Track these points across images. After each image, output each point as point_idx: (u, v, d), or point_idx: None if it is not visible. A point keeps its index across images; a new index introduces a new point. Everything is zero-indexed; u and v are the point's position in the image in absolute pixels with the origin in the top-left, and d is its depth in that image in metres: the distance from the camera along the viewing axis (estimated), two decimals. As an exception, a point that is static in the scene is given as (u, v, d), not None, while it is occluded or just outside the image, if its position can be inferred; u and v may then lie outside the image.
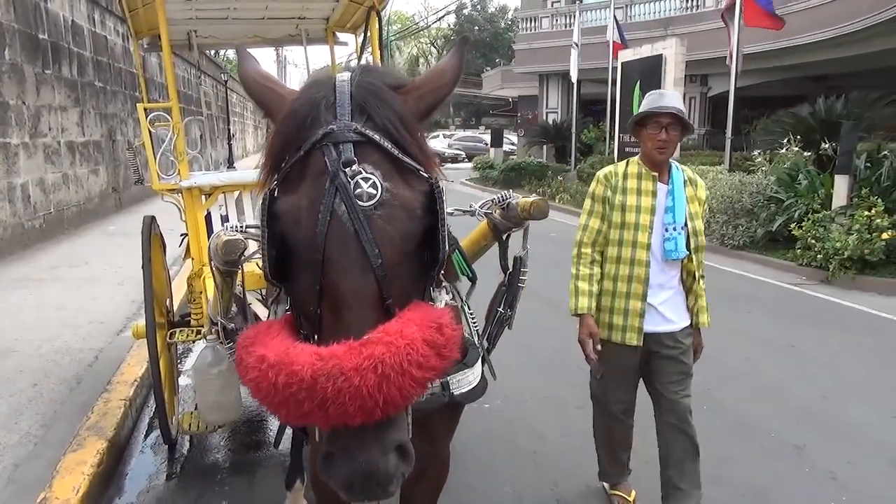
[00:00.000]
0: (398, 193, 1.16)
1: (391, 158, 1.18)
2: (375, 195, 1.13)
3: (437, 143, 35.59)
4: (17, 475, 3.05)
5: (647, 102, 2.66)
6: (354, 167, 1.14)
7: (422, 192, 1.20)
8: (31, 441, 3.39)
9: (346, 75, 1.25)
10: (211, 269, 1.75)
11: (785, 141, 10.97)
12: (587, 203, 2.87)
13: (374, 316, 1.12)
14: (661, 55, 14.04)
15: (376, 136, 1.18)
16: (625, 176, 2.75)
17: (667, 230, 2.68)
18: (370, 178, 1.14)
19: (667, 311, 2.79)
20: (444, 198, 1.21)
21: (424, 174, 1.21)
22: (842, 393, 4.52)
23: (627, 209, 2.70)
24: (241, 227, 1.71)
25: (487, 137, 29.27)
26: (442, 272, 1.25)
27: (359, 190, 1.13)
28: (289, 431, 3.06)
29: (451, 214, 2.15)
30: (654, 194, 2.70)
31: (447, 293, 1.28)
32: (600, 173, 2.82)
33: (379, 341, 1.06)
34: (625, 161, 2.82)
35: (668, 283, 2.78)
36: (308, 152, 1.18)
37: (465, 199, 2.33)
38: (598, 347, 2.80)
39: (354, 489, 1.10)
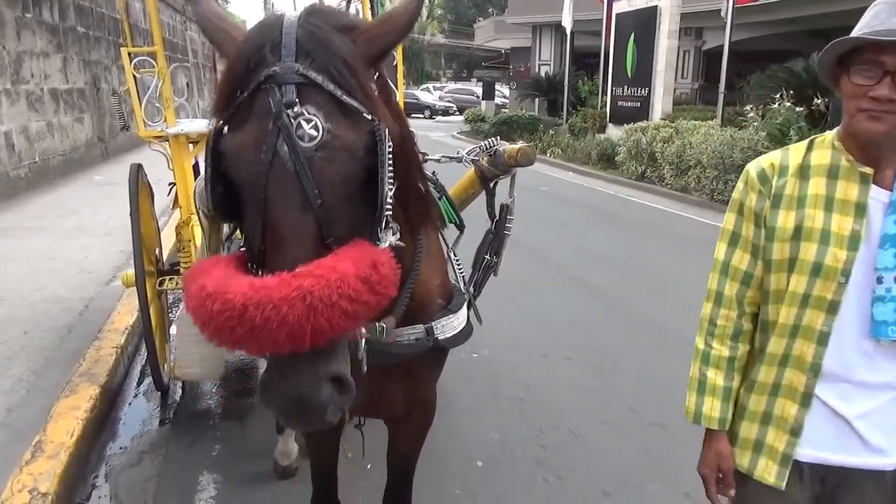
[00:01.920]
0: (339, 135, 1.17)
1: (334, 100, 1.19)
2: (317, 136, 1.15)
3: (428, 95, 35.18)
4: (11, 420, 3.09)
5: (871, 19, 1.33)
6: (296, 108, 1.15)
7: (365, 133, 1.21)
8: (24, 387, 3.42)
9: (295, 15, 1.25)
10: (197, 213, 1.75)
11: (777, 96, 10.91)
12: (727, 221, 1.55)
13: (311, 253, 1.15)
14: (656, 7, 13.81)
15: (319, 78, 1.18)
16: (802, 171, 1.43)
17: (881, 280, 1.35)
18: (312, 120, 1.15)
19: (871, 432, 1.42)
20: (386, 140, 1.21)
21: (368, 116, 1.22)
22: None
23: (805, 235, 1.39)
24: None
25: (479, 90, 28.94)
26: (388, 212, 1.26)
27: (300, 131, 1.14)
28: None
29: (438, 161, 2.15)
30: (862, 209, 1.36)
31: (393, 234, 1.29)
32: (752, 166, 1.51)
33: (309, 274, 1.09)
34: (805, 141, 1.48)
35: (878, 379, 1.41)
36: (253, 93, 1.19)
37: (453, 152, 2.32)
38: (732, 492, 1.60)
39: (290, 417, 1.17)
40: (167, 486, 2.95)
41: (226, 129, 1.23)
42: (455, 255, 1.87)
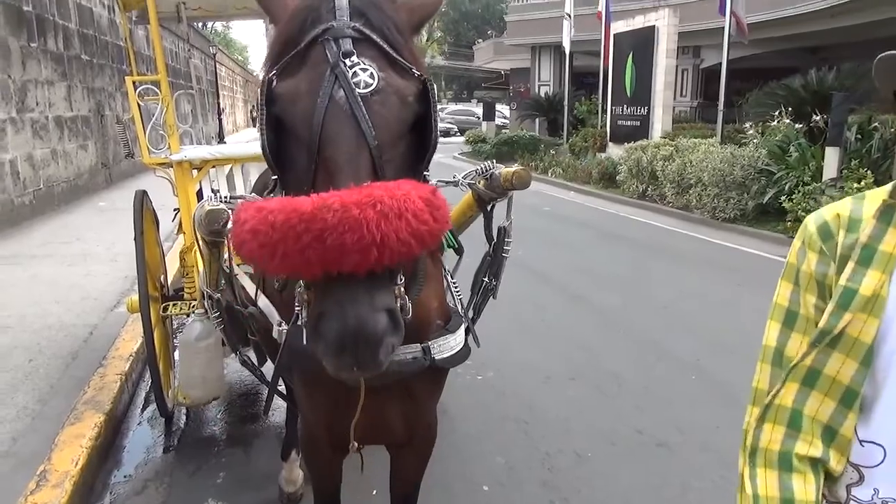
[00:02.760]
0: (393, 82, 1.26)
1: (386, 55, 1.28)
2: (372, 84, 1.22)
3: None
4: (16, 448, 3.09)
5: None
6: (353, 58, 1.23)
7: (415, 84, 1.30)
8: (29, 415, 3.41)
9: None
10: (197, 240, 1.77)
11: (777, 113, 10.97)
12: (779, 293, 1.15)
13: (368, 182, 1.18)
14: (654, 26, 13.95)
15: (373, 35, 1.28)
16: (888, 221, 1.00)
17: None
18: (368, 69, 1.23)
19: None
20: (434, 91, 1.32)
21: (416, 72, 1.31)
22: (828, 362, 4.59)
23: (858, 304, 0.97)
24: (225, 197, 1.73)
25: (479, 111, 29.10)
26: (427, 171, 1.35)
27: (356, 79, 1.21)
28: (283, 404, 3.11)
29: (436, 186, 2.17)
30: None
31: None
32: (811, 219, 1.10)
33: (378, 187, 1.12)
34: (888, 186, 1.03)
35: None
36: (308, 46, 1.27)
37: (457, 173, 2.34)
38: None
39: (345, 348, 1.11)
40: (172, 514, 2.93)
41: (276, 80, 1.28)
42: (453, 279, 1.88)
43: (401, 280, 1.26)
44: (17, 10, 9.01)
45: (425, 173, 1.39)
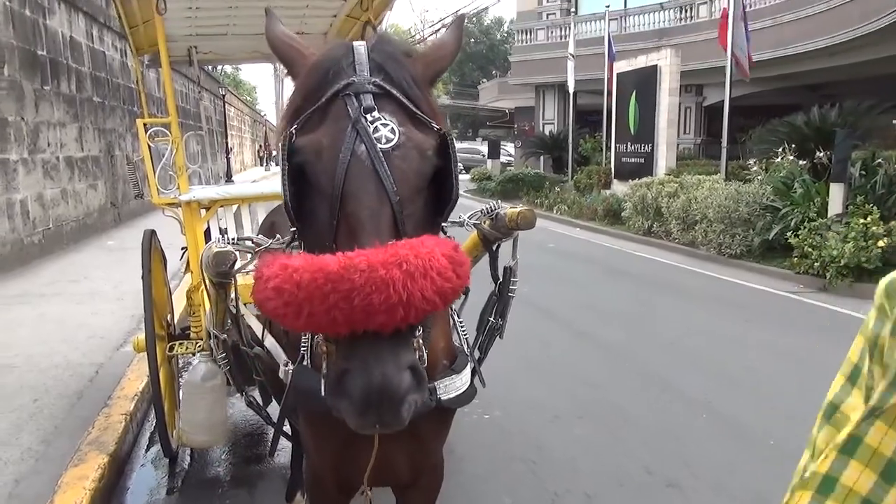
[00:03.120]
0: (413, 137, 1.27)
1: (406, 110, 1.29)
2: (393, 139, 1.23)
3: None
4: (19, 491, 3.06)
5: None
6: (374, 114, 1.24)
7: (434, 138, 1.31)
8: (33, 456, 3.39)
9: (361, 42, 1.37)
10: (203, 281, 1.78)
11: (780, 150, 11.04)
12: (853, 346, 0.96)
13: (391, 241, 1.17)
14: (657, 65, 14.15)
15: (393, 90, 1.29)
16: None
17: None
18: (389, 124, 1.24)
19: None
20: (454, 144, 1.33)
21: (435, 127, 1.32)
22: (840, 400, 4.52)
23: None
24: (233, 239, 1.74)
25: (485, 149, 29.37)
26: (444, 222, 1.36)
27: (377, 133, 1.23)
28: (288, 445, 3.08)
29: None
30: None
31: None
32: (886, 277, 0.92)
33: (403, 246, 1.12)
34: None
35: None
36: (329, 101, 1.28)
37: (462, 211, 2.35)
38: None
39: (369, 406, 1.10)
40: (175, 557, 2.89)
41: (297, 134, 1.29)
42: (459, 318, 1.87)
43: (419, 332, 1.26)
44: (31, 55, 9.23)
45: (443, 224, 1.41)
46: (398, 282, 1.07)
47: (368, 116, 1.24)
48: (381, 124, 1.24)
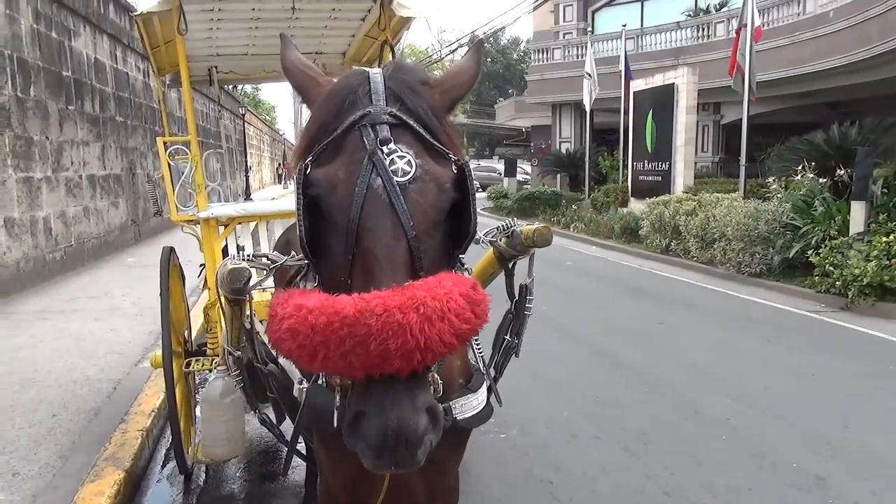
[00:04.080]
0: (430, 170, 1.25)
1: (423, 141, 1.27)
2: (410, 171, 1.21)
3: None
4: (36, 506, 3.07)
5: None
6: (391, 145, 1.22)
7: (451, 170, 1.28)
8: (50, 472, 3.41)
9: (379, 69, 1.36)
10: (219, 297, 1.78)
11: (800, 168, 10.93)
12: None
13: (407, 279, 1.16)
14: (673, 84, 14.14)
15: (410, 121, 1.27)
16: None
17: None
18: (405, 157, 1.22)
19: None
20: (472, 175, 1.30)
21: (453, 157, 1.30)
22: (864, 422, 4.44)
23: None
24: (248, 255, 1.75)
25: (501, 167, 29.43)
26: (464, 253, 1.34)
27: (394, 166, 1.21)
28: (302, 464, 3.07)
29: None
30: None
31: (469, 275, 1.33)
32: None
33: (420, 287, 1.10)
34: None
35: None
36: (345, 132, 1.26)
37: (479, 229, 2.35)
38: None
39: (385, 449, 1.09)
40: (188, 575, 2.87)
41: (312, 165, 1.28)
42: (475, 336, 1.86)
43: (435, 367, 1.26)
44: (57, 76, 9.42)
45: (461, 256, 1.40)
46: (415, 326, 1.05)
47: (385, 148, 1.21)
48: (398, 156, 1.21)
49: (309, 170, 1.27)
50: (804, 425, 4.38)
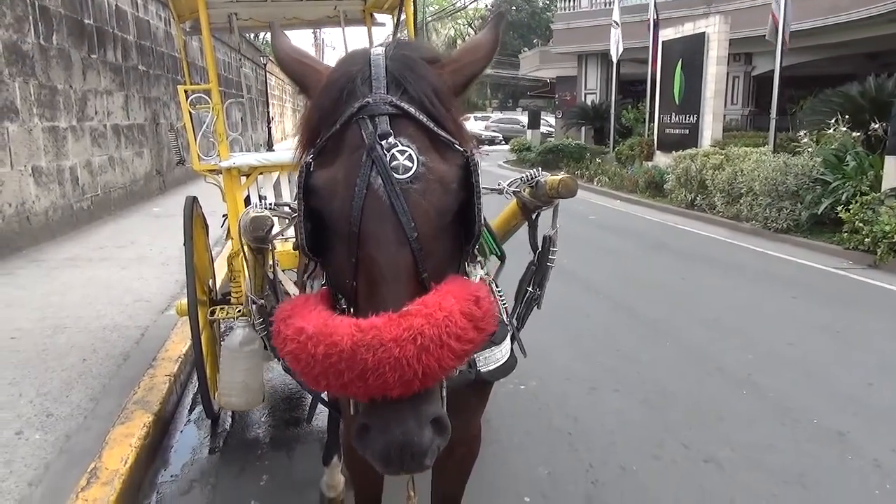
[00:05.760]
0: (434, 167, 1.17)
1: (427, 131, 1.19)
2: (411, 168, 1.14)
3: (474, 124, 35.41)
4: (69, 446, 3.18)
5: None
6: (391, 139, 1.14)
7: (457, 165, 1.20)
8: (82, 413, 3.52)
9: (381, 49, 1.26)
10: (241, 246, 1.78)
11: (832, 121, 10.62)
12: None
13: (410, 288, 1.13)
14: (704, 33, 13.69)
15: (412, 109, 1.18)
16: None
17: None
18: (406, 151, 1.14)
19: None
20: (479, 171, 1.22)
21: (459, 147, 1.22)
22: (888, 379, 4.40)
23: None
24: (271, 204, 1.73)
25: (525, 119, 29.02)
26: (477, 247, 1.26)
27: (395, 163, 1.14)
28: (325, 410, 3.13)
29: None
30: None
31: (482, 268, 1.29)
32: None
33: (418, 313, 1.07)
34: None
35: None
36: (344, 125, 1.19)
37: (496, 182, 2.31)
38: None
39: (391, 462, 1.11)
40: (216, 514, 2.97)
41: (314, 163, 1.22)
42: (498, 287, 1.84)
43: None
44: (79, 24, 9.38)
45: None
46: (413, 358, 1.04)
47: (384, 143, 1.14)
48: (399, 151, 1.14)
49: (310, 168, 1.21)
50: (828, 382, 4.36)
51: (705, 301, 6.28)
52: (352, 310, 1.22)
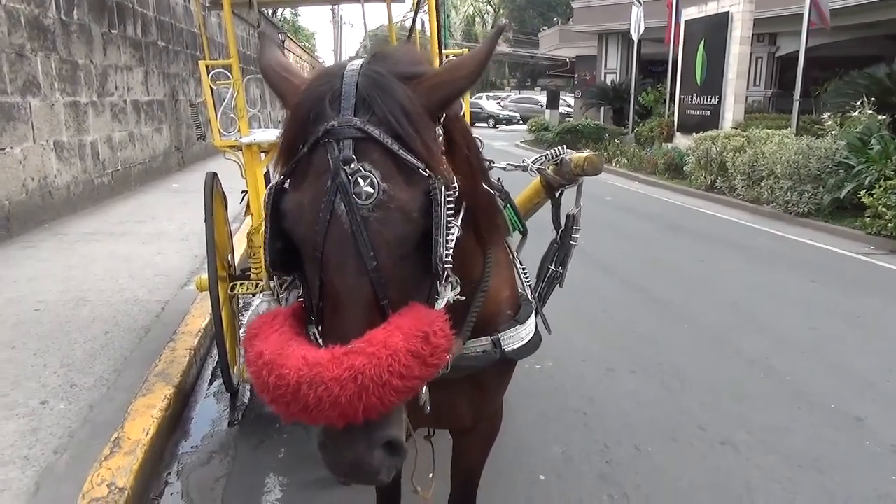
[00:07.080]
0: (395, 195, 1.14)
1: (391, 155, 1.15)
2: (373, 194, 1.12)
3: (491, 104, 35.16)
4: (93, 416, 3.24)
5: None
6: (353, 165, 1.12)
7: (421, 192, 1.17)
8: (105, 385, 3.58)
9: (357, 64, 1.22)
10: (263, 222, 1.79)
11: (857, 103, 10.43)
12: None
13: (366, 319, 1.14)
14: (728, 12, 13.46)
15: (376, 133, 1.15)
16: None
17: None
18: (368, 177, 1.12)
19: None
20: (442, 199, 1.17)
21: (425, 172, 1.17)
22: (908, 366, 4.36)
23: None
24: None
25: (543, 99, 28.78)
26: (449, 267, 1.22)
27: (357, 189, 1.11)
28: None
29: (504, 169, 2.14)
30: None
31: (452, 289, 1.28)
32: None
33: (361, 352, 1.08)
34: None
35: None
36: (312, 149, 1.17)
37: (518, 161, 2.30)
38: None
39: (347, 477, 1.17)
40: (235, 486, 3.03)
41: (286, 184, 1.22)
42: (521, 264, 1.84)
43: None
44: (99, -2, 9.39)
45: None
46: (353, 397, 1.06)
47: (347, 168, 1.11)
48: (361, 177, 1.11)
49: (277, 191, 1.21)
50: (846, 367, 4.33)
51: (723, 284, 6.23)
52: (319, 327, 1.25)
